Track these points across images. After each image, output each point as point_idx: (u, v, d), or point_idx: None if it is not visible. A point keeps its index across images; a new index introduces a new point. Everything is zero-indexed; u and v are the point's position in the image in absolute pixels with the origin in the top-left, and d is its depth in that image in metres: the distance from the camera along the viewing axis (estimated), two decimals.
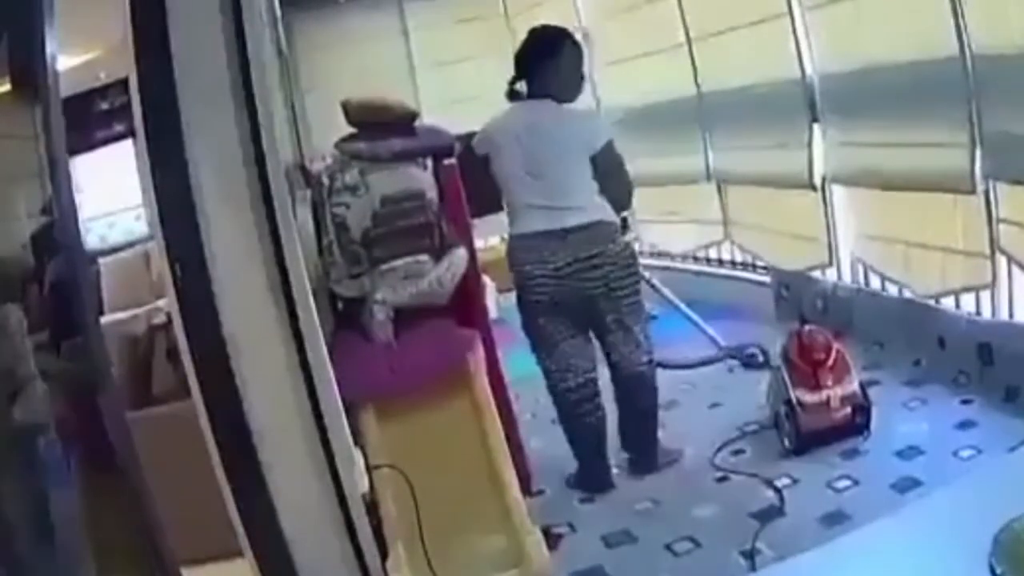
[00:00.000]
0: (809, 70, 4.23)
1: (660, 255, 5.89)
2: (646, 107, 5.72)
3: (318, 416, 1.88)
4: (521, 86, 3.24)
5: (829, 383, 3.12)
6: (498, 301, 5.79)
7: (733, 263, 5.40)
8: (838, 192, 4.35)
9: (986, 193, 3.35)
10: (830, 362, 3.17)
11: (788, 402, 3.17)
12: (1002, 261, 3.41)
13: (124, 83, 1.85)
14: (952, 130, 3.37)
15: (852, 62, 3.92)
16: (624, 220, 3.31)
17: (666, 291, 4.45)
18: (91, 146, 6.03)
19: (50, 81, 1.87)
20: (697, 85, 5.21)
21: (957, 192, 3.45)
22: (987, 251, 3.41)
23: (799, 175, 4.40)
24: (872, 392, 3.31)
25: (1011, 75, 3.05)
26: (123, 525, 1.95)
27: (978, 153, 3.30)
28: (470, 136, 3.31)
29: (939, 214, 3.66)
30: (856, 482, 2.91)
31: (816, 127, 4.28)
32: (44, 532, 1.95)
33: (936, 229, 3.70)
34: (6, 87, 2.01)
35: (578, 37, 3.40)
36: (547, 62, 3.18)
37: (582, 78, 3.27)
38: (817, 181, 4.35)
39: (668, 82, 5.44)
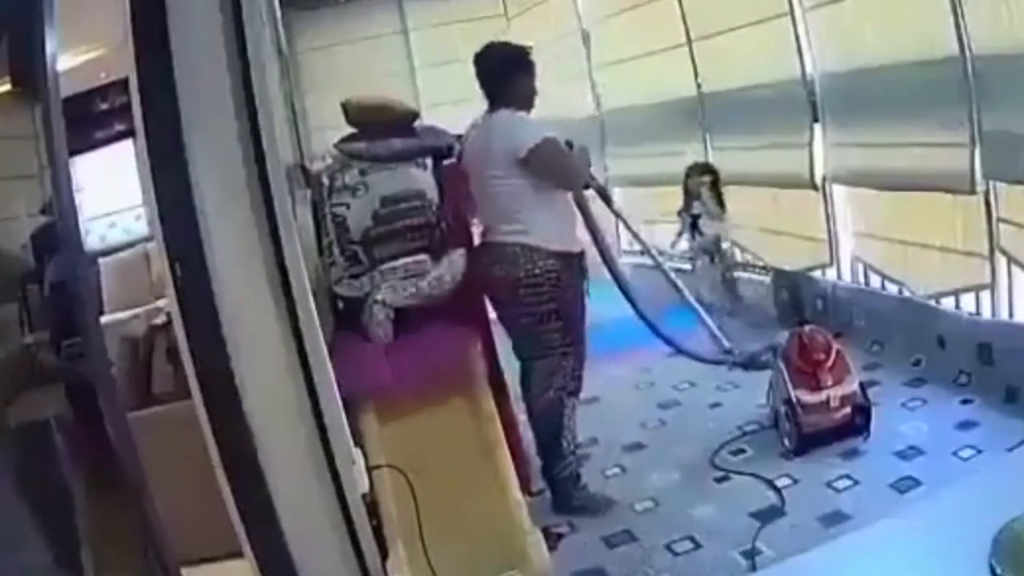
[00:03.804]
0: (810, 70, 4.23)
1: (660, 255, 5.88)
2: (646, 107, 5.72)
3: (318, 416, 1.88)
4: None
5: (829, 383, 3.13)
6: None
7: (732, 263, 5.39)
8: (838, 192, 4.36)
9: (986, 193, 3.35)
10: (830, 362, 3.17)
11: (788, 402, 3.17)
12: (1002, 261, 3.41)
13: (124, 83, 1.85)
14: (952, 130, 3.37)
15: (852, 62, 3.92)
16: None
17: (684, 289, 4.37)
18: (91, 146, 6.01)
19: (50, 81, 1.87)
20: (698, 85, 5.21)
21: (957, 192, 3.45)
22: (986, 251, 3.41)
23: (800, 175, 4.40)
24: (872, 392, 3.31)
25: (1011, 75, 3.05)
26: (123, 525, 1.95)
27: (978, 153, 3.30)
28: None
29: (939, 214, 3.65)
30: (856, 482, 2.91)
31: (816, 127, 4.28)
32: (44, 531, 1.95)
33: (936, 229, 3.70)
34: (6, 87, 2.01)
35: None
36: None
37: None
38: (818, 181, 4.35)
39: (668, 82, 5.44)
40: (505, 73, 3.05)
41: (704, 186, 4.87)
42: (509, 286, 2.93)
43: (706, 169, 4.98)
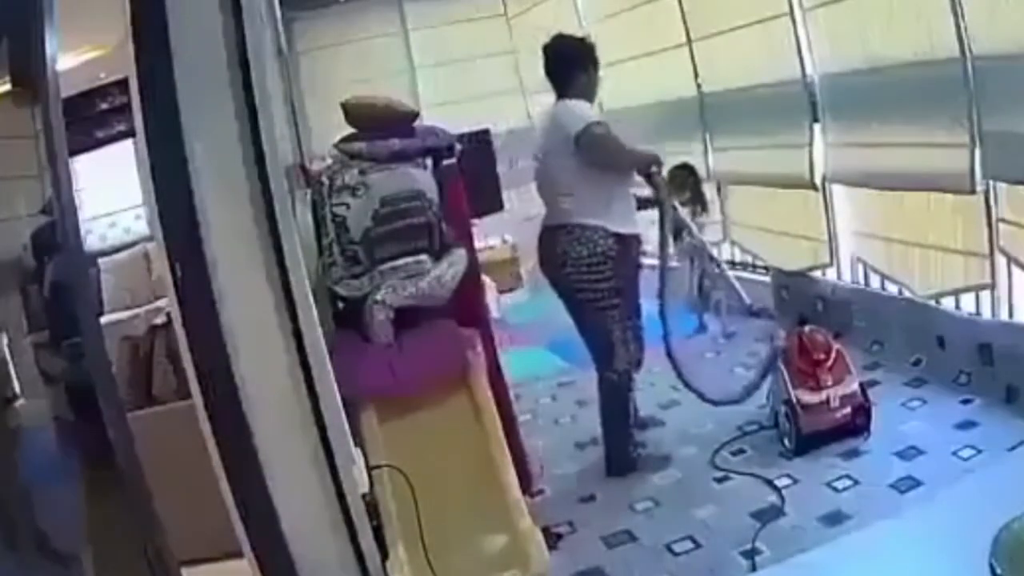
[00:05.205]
0: (810, 70, 4.22)
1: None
2: (646, 107, 5.72)
3: (318, 416, 1.88)
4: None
5: (829, 383, 3.13)
6: (498, 301, 5.81)
7: (732, 263, 5.39)
8: (838, 191, 4.35)
9: (985, 193, 3.34)
10: (830, 362, 3.17)
11: (788, 402, 3.17)
12: (1001, 261, 3.40)
13: (124, 83, 1.85)
14: (952, 130, 3.36)
15: (852, 62, 3.91)
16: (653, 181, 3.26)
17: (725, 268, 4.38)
18: (91, 146, 6.02)
19: (50, 81, 1.87)
20: (698, 85, 5.20)
21: (956, 192, 3.45)
22: (986, 251, 3.41)
23: (800, 175, 4.40)
24: (872, 392, 3.31)
25: (1012, 74, 3.04)
26: (123, 525, 1.95)
27: (977, 153, 3.29)
28: (471, 136, 3.34)
29: (939, 214, 3.65)
30: (856, 482, 2.91)
31: (817, 127, 4.27)
32: (44, 531, 1.95)
33: (936, 229, 3.70)
34: (6, 87, 2.01)
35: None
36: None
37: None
38: (818, 181, 4.34)
39: (668, 82, 5.43)
40: (570, 65, 3.31)
41: (683, 204, 4.80)
42: (572, 265, 3.17)
43: (684, 181, 4.87)
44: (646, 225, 3.51)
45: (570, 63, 3.31)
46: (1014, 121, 3.08)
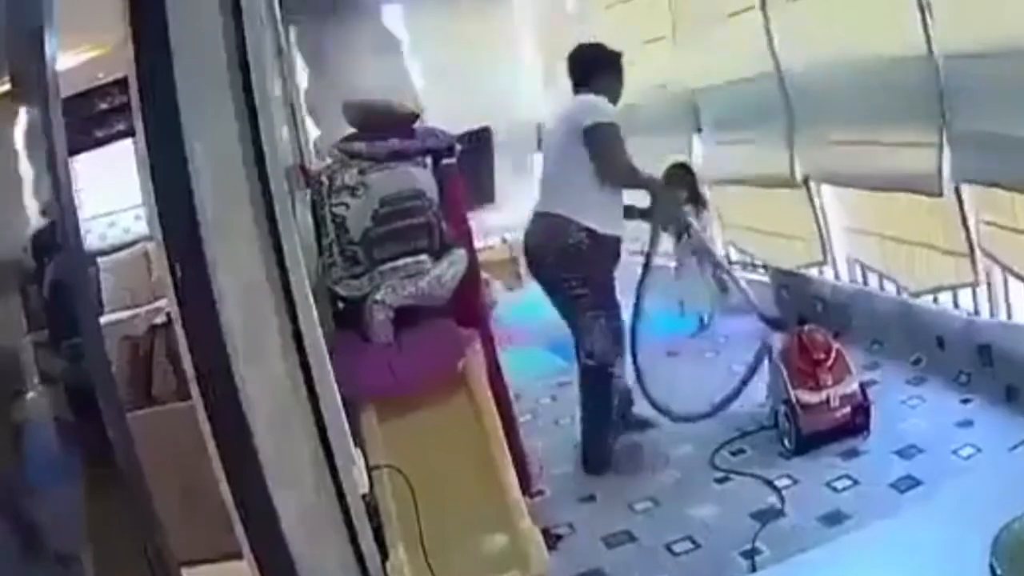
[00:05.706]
0: (784, 67, 4.20)
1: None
2: (628, 106, 5.69)
3: (318, 416, 1.88)
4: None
5: (829, 383, 3.13)
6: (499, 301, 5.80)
7: (729, 261, 5.38)
8: (826, 189, 4.34)
9: (957, 193, 3.32)
10: (830, 362, 3.17)
11: (788, 402, 3.17)
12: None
13: (124, 83, 1.85)
14: (920, 132, 3.35)
15: (824, 60, 3.89)
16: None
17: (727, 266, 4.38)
18: (91, 146, 6.02)
19: (50, 81, 1.87)
20: (678, 83, 5.19)
21: (925, 194, 3.43)
22: (966, 250, 3.40)
23: (781, 174, 4.38)
24: (872, 392, 3.31)
25: (981, 74, 3.01)
26: (123, 525, 1.95)
27: (947, 154, 3.27)
28: (471, 136, 3.37)
29: (929, 214, 3.63)
30: (856, 482, 2.91)
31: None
32: (44, 532, 1.94)
33: (926, 229, 3.68)
34: (6, 87, 2.01)
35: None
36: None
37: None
38: (799, 179, 4.33)
39: (649, 79, 5.41)
40: (591, 68, 3.43)
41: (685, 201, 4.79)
42: (543, 251, 3.32)
43: (682, 179, 4.87)
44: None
45: (592, 67, 3.42)
46: (983, 123, 3.06)
